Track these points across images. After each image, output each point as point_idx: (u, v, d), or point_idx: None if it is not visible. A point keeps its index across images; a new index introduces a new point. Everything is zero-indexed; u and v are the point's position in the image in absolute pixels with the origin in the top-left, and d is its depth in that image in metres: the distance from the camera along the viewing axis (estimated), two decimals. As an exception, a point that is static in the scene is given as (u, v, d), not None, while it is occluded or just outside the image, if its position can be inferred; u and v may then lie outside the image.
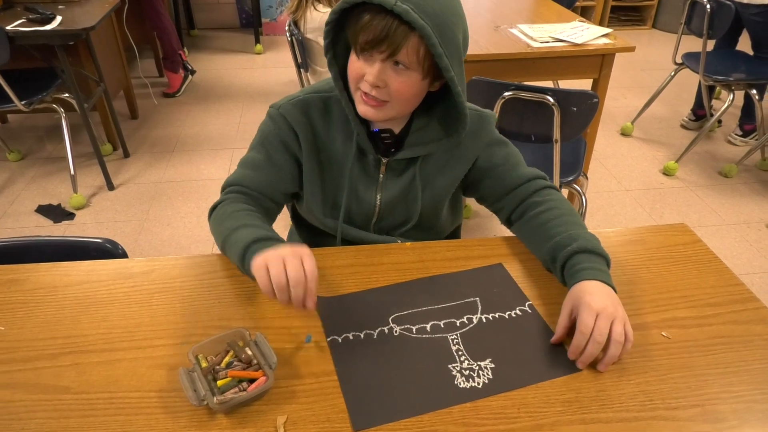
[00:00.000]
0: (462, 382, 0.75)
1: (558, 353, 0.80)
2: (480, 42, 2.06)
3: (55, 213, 2.50)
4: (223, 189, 1.01)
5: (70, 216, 2.49)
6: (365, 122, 0.97)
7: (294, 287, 0.76)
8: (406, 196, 1.03)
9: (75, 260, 0.96)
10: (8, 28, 2.21)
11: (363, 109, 0.91)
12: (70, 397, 0.72)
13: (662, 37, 4.93)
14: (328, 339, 0.82)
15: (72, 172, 2.57)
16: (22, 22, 2.28)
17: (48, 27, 2.25)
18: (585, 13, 5.00)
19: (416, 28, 0.79)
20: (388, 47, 0.82)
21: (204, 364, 0.74)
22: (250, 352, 0.76)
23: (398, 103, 0.90)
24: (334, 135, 0.99)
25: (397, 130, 0.99)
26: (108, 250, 1.00)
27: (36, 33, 2.23)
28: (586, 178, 2.15)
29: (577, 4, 4.89)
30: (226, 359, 0.75)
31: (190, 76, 3.75)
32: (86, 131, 2.59)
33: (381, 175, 1.02)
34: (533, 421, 0.71)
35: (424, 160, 1.01)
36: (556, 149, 1.74)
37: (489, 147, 1.04)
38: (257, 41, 4.41)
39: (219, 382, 0.72)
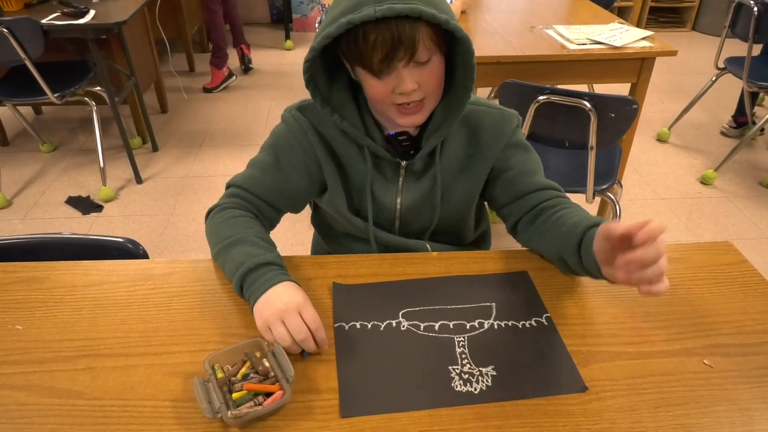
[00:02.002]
0: (459, 386, 0.73)
1: (565, 369, 0.76)
2: (513, 43, 2.00)
3: (84, 205, 2.53)
4: (228, 187, 0.99)
5: (98, 208, 2.51)
6: (378, 126, 0.94)
7: (302, 343, 0.76)
8: (427, 200, 1.00)
9: (95, 259, 0.95)
10: (43, 21, 2.23)
11: (406, 121, 0.88)
12: (83, 403, 0.70)
13: (702, 40, 4.77)
14: (335, 325, 0.82)
15: (101, 165, 2.60)
16: (57, 16, 2.31)
17: (82, 21, 2.27)
18: (622, 13, 4.87)
19: (411, 14, 0.75)
20: (406, 51, 0.79)
21: (220, 375, 0.71)
22: (267, 364, 0.73)
23: (433, 94, 0.87)
24: (351, 141, 0.96)
25: (414, 132, 0.95)
26: (129, 251, 0.98)
27: (70, 26, 2.25)
28: (621, 186, 2.08)
29: (616, 4, 4.77)
30: (243, 370, 0.72)
31: (234, 77, 3.77)
32: (116, 124, 2.61)
33: (401, 179, 0.98)
34: (563, 452, 0.66)
35: (446, 157, 0.97)
36: (591, 156, 1.68)
37: (507, 148, 0.99)
38: (287, 37, 4.41)
39: (234, 395, 0.69)
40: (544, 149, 1.92)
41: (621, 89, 2.05)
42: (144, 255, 0.99)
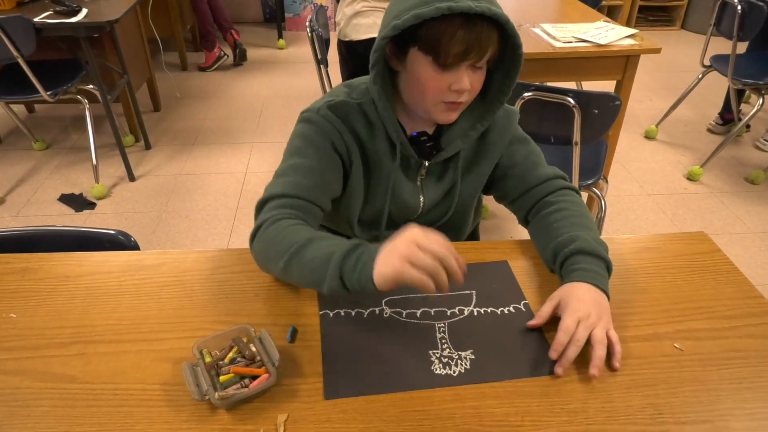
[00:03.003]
0: (438, 369, 0.77)
1: (540, 353, 0.80)
2: (501, 41, 2.03)
3: (77, 202, 2.54)
4: (265, 202, 0.89)
5: (91, 205, 2.53)
6: (402, 128, 0.96)
7: (446, 262, 0.71)
8: (444, 198, 1.04)
9: (88, 251, 0.97)
10: (35, 19, 2.25)
11: (446, 117, 0.90)
12: (76, 387, 0.73)
13: (691, 38, 4.82)
14: (321, 312, 0.85)
15: (94, 163, 2.61)
16: (49, 14, 2.32)
17: (74, 19, 2.29)
18: (612, 12, 4.92)
19: (501, 21, 0.80)
20: (477, 54, 0.82)
21: (208, 359, 0.74)
22: (254, 349, 0.76)
23: (472, 99, 0.91)
24: (378, 141, 0.96)
25: (430, 131, 0.98)
26: (121, 242, 1.01)
27: (62, 24, 2.27)
28: (606, 181, 2.12)
29: (604, 3, 4.81)
30: (230, 355, 0.75)
31: (225, 56, 4.04)
32: (109, 122, 2.63)
33: (419, 178, 1.01)
34: (537, 429, 0.69)
35: (464, 158, 1.01)
36: (576, 152, 1.71)
37: (512, 144, 1.03)
38: (280, 36, 4.43)
39: (221, 378, 0.72)
40: (531, 145, 1.95)
41: (608, 86, 2.09)
42: (135, 246, 1.02)
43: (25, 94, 2.43)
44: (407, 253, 0.70)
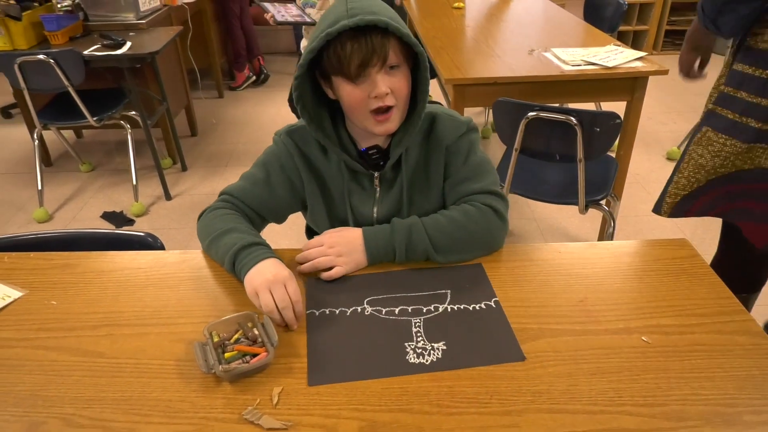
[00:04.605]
0: (412, 358, 0.84)
1: (506, 342, 0.86)
2: (512, 65, 2.14)
3: (118, 219, 2.73)
4: (221, 194, 1.11)
5: (130, 222, 2.71)
6: (353, 143, 1.07)
7: (283, 311, 0.88)
8: (401, 206, 1.11)
9: (120, 250, 1.10)
10: (85, 52, 2.48)
11: (380, 129, 1.00)
12: (103, 361, 0.85)
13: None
14: (308, 312, 0.93)
15: (134, 183, 2.81)
16: (97, 48, 2.55)
17: (119, 51, 2.51)
18: (638, 38, 4.97)
19: (379, 24, 0.89)
20: (379, 58, 0.92)
21: (216, 339, 0.85)
22: (256, 332, 0.86)
23: (402, 102, 0.99)
24: (330, 159, 1.09)
25: (384, 145, 1.08)
26: (149, 243, 1.14)
27: (108, 57, 2.49)
28: (616, 199, 2.16)
29: (629, 29, 4.87)
30: (235, 336, 0.86)
31: (253, 77, 4.43)
32: (148, 146, 2.83)
33: (378, 190, 1.11)
34: (503, 407, 0.77)
35: (408, 165, 1.08)
36: (581, 169, 1.78)
37: (450, 154, 1.08)
38: (311, 65, 4.64)
39: (226, 354, 0.82)
40: (540, 164, 2.03)
41: (620, 107, 2.14)
42: (161, 247, 1.14)
43: (73, 119, 2.66)
44: (259, 290, 0.89)
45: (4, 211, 2.84)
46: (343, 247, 1.02)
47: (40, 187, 2.76)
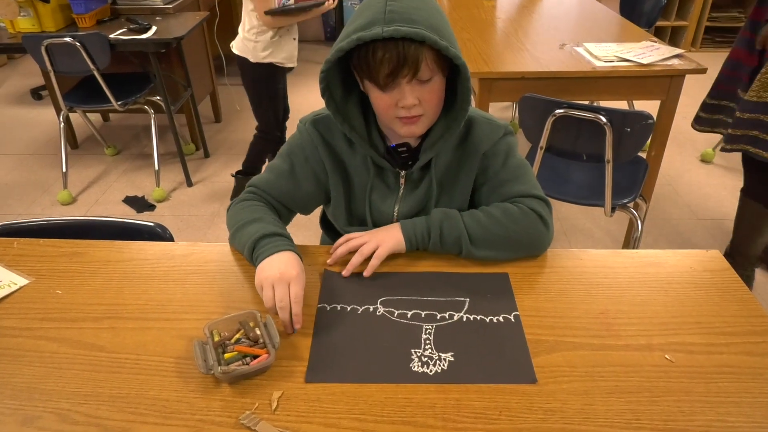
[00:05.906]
0: (416, 366, 0.80)
1: (519, 361, 0.81)
2: (542, 59, 2.06)
3: (139, 204, 2.75)
4: (248, 186, 1.09)
5: (151, 207, 2.73)
6: (383, 138, 1.03)
7: (280, 311, 0.85)
8: (424, 206, 1.07)
9: (129, 240, 1.09)
10: (111, 36, 2.48)
11: (405, 131, 0.96)
12: (103, 355, 0.83)
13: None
14: (318, 306, 0.91)
15: (156, 168, 2.82)
16: (123, 32, 2.55)
17: (144, 36, 2.51)
18: (676, 33, 4.79)
19: (416, 38, 0.83)
20: (409, 69, 0.87)
21: (216, 338, 0.82)
22: (258, 332, 0.83)
23: (432, 110, 0.95)
24: (356, 151, 1.05)
25: (414, 144, 1.03)
26: (158, 234, 1.12)
27: (133, 41, 2.49)
28: (645, 201, 2.08)
29: (667, 24, 4.70)
30: (237, 336, 0.83)
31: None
32: (171, 131, 2.83)
33: (401, 188, 1.07)
34: (513, 425, 0.73)
35: (438, 168, 1.04)
36: (608, 170, 1.71)
37: (487, 158, 1.04)
38: (338, 54, 4.60)
39: (226, 355, 0.80)
40: (567, 163, 1.96)
41: (654, 106, 2.06)
42: (170, 238, 1.13)
43: (98, 103, 2.67)
44: (264, 284, 0.88)
45: (30, 191, 2.88)
46: (380, 233, 1.01)
47: (65, 170, 2.80)
